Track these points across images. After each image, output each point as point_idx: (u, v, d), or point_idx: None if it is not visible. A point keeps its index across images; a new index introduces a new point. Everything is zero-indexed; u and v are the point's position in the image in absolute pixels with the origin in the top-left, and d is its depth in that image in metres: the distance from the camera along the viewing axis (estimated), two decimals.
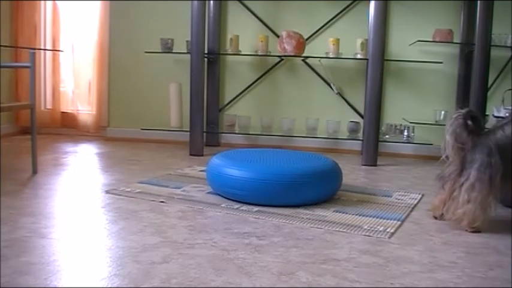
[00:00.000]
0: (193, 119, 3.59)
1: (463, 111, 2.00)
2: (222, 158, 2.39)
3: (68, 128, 4.40)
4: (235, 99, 4.10)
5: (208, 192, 2.44)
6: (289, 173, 2.21)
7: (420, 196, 2.55)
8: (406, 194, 2.59)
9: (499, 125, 2.02)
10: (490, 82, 3.48)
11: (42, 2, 4.34)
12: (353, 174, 3.09)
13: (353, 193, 2.55)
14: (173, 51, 3.87)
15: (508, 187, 1.98)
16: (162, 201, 2.25)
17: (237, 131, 3.87)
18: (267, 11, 3.99)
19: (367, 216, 2.13)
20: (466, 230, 1.93)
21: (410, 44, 3.73)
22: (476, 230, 1.92)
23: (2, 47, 4.03)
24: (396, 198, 2.47)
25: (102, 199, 2.28)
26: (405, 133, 3.67)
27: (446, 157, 2.02)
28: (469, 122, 1.97)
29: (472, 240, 1.85)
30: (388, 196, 2.52)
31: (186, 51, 3.82)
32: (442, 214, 2.07)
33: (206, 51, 3.74)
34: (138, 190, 2.45)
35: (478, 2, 3.24)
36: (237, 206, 2.21)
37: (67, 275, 1.40)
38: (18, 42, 4.27)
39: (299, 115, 3.91)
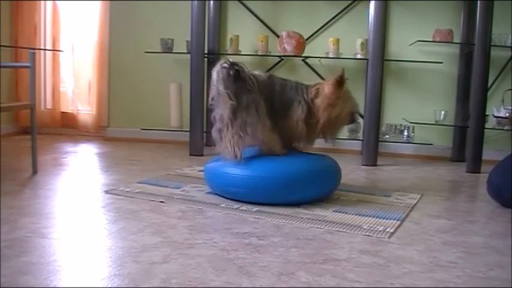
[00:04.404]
0: (193, 119, 3.59)
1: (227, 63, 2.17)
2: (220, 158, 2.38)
3: (68, 128, 4.40)
4: None
5: (208, 192, 2.43)
6: (287, 170, 2.21)
7: (420, 196, 2.54)
8: (405, 194, 2.59)
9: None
10: (490, 82, 3.48)
11: (42, 2, 4.34)
12: (353, 174, 3.09)
13: (353, 193, 2.55)
14: (173, 51, 3.87)
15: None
16: (161, 201, 2.25)
17: None
18: (267, 11, 3.99)
19: (366, 216, 2.13)
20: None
21: (410, 44, 3.73)
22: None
23: (2, 47, 4.03)
24: (396, 198, 2.47)
25: (102, 199, 2.27)
26: (405, 133, 3.67)
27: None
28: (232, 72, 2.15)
29: (472, 240, 1.85)
30: (388, 196, 2.52)
31: (186, 51, 3.82)
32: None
33: (206, 51, 3.74)
34: (137, 190, 2.45)
35: (478, 2, 3.24)
36: (236, 205, 2.20)
37: (67, 275, 1.40)
38: (18, 42, 4.28)
39: None
